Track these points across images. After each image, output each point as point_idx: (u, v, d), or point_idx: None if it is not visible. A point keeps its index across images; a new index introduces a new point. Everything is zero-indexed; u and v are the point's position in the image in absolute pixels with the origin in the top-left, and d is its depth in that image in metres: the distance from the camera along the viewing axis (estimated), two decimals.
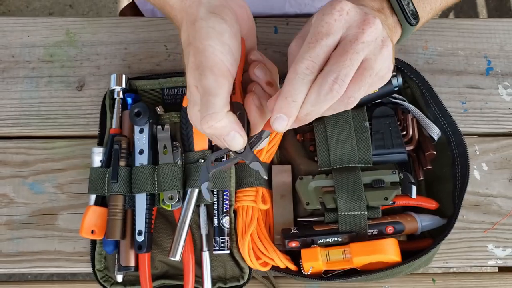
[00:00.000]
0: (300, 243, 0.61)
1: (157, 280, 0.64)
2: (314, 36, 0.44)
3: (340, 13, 0.44)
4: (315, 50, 0.44)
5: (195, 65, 0.46)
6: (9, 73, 0.73)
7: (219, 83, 0.45)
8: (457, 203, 0.61)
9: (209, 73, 0.45)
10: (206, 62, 0.46)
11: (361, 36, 0.44)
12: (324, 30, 0.44)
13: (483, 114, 0.72)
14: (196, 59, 0.46)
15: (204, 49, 0.46)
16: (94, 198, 0.64)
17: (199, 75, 0.46)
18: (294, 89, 0.44)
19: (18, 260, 0.67)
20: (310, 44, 0.44)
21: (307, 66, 0.43)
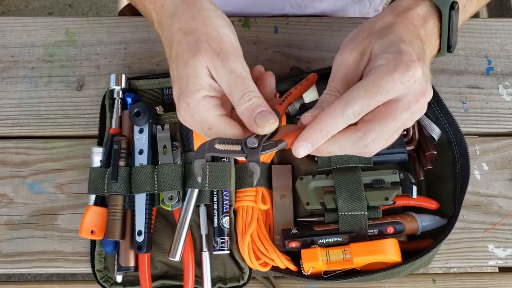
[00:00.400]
0: (300, 243, 0.61)
1: (157, 280, 0.64)
2: (376, 87, 0.43)
3: (409, 79, 0.44)
4: (370, 101, 0.43)
5: (213, 51, 0.45)
6: (8, 73, 0.73)
7: (245, 68, 0.46)
8: (457, 203, 0.61)
9: (235, 59, 0.46)
10: (227, 49, 0.46)
11: (413, 106, 0.45)
12: (387, 87, 0.43)
13: (483, 114, 0.72)
14: (213, 45, 0.46)
15: (221, 37, 0.46)
16: (94, 198, 0.63)
17: (224, 60, 0.45)
18: (333, 125, 0.44)
19: (17, 260, 0.67)
20: (368, 92, 0.43)
21: (355, 111, 0.44)
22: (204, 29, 0.46)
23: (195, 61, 0.46)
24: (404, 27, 0.48)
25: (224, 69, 0.45)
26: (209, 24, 0.47)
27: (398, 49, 0.45)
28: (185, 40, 0.47)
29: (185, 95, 0.46)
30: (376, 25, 0.49)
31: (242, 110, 0.45)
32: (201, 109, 0.46)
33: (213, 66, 0.46)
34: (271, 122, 0.45)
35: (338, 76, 0.48)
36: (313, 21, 0.76)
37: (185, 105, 0.46)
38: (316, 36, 0.75)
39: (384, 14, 0.50)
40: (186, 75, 0.46)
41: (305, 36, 0.75)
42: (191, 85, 0.46)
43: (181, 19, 0.48)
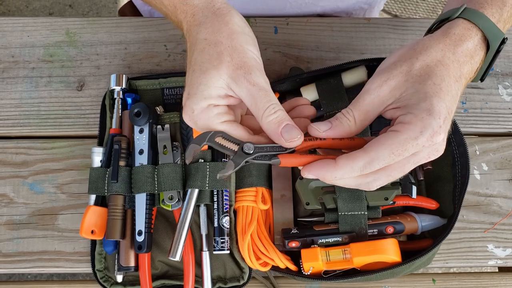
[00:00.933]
0: (300, 243, 0.61)
1: (157, 280, 0.64)
2: (401, 149, 0.44)
3: (431, 144, 0.45)
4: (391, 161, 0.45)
5: (235, 64, 0.46)
6: (9, 73, 0.73)
7: (267, 81, 0.47)
8: (457, 203, 0.61)
9: (258, 73, 0.46)
10: (250, 64, 0.46)
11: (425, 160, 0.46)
12: (412, 149, 0.44)
13: (483, 114, 0.72)
14: (235, 59, 0.46)
15: (244, 51, 0.47)
16: (94, 198, 0.64)
17: (246, 73, 0.46)
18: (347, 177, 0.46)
19: (18, 260, 0.67)
20: (392, 155, 0.44)
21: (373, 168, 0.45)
22: (229, 42, 0.47)
23: (214, 73, 0.46)
24: (447, 69, 0.46)
25: (246, 82, 0.46)
26: (234, 38, 0.47)
27: (430, 107, 0.44)
28: (208, 51, 0.47)
29: (191, 101, 0.47)
30: (420, 58, 0.47)
31: (268, 122, 0.46)
32: (204, 117, 0.48)
33: (233, 79, 0.46)
34: (298, 138, 0.46)
35: (360, 102, 0.47)
36: (313, 21, 0.76)
37: (190, 112, 0.48)
38: (316, 36, 0.75)
39: (433, 43, 0.48)
40: (199, 82, 0.47)
41: (305, 36, 0.75)
42: (199, 92, 0.47)
43: (208, 29, 0.49)
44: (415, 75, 0.46)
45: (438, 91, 0.45)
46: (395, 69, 0.47)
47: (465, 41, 0.48)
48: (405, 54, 0.48)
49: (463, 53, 0.48)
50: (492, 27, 0.49)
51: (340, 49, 0.74)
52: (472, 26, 0.49)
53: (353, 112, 0.47)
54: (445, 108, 0.45)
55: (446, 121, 0.45)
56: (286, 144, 0.47)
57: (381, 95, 0.47)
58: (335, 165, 0.46)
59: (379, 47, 0.74)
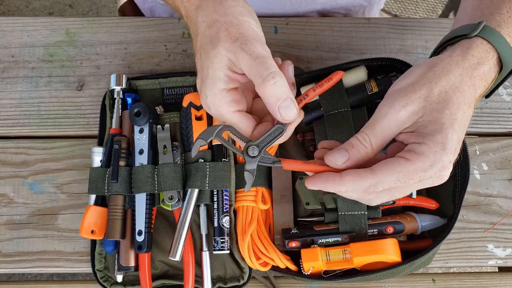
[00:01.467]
0: (300, 243, 0.61)
1: (157, 280, 0.64)
2: (409, 178, 0.45)
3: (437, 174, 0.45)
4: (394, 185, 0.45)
5: (232, 38, 0.46)
6: (9, 73, 0.73)
7: (266, 49, 0.46)
8: (457, 203, 0.61)
9: (255, 42, 0.46)
10: (247, 33, 0.46)
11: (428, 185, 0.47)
12: (418, 178, 0.45)
13: (483, 114, 0.72)
14: (232, 33, 0.46)
15: (240, 23, 0.46)
16: (94, 198, 0.64)
17: (243, 44, 0.45)
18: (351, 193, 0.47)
19: (18, 260, 0.67)
20: (398, 182, 0.45)
21: (378, 191, 0.46)
22: (225, 18, 0.47)
23: (215, 52, 0.46)
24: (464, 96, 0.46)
25: (243, 52, 0.45)
26: (229, 13, 0.47)
27: (445, 141, 0.44)
28: (208, 32, 0.47)
29: (204, 87, 0.48)
30: (439, 84, 0.46)
31: (266, 94, 0.45)
32: (218, 103, 0.47)
33: (232, 52, 0.46)
34: (293, 114, 0.46)
35: (377, 128, 0.46)
36: (313, 21, 0.76)
37: (204, 97, 0.48)
38: (316, 36, 0.75)
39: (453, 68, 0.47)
40: (206, 66, 0.47)
41: (305, 36, 0.75)
42: (209, 77, 0.47)
43: (205, 11, 0.49)
44: (433, 101, 0.45)
45: (453, 122, 0.45)
46: (414, 93, 0.46)
47: (482, 64, 0.47)
48: (423, 76, 0.47)
49: (479, 76, 0.47)
50: (508, 48, 0.48)
51: (340, 49, 0.74)
52: (490, 47, 0.47)
53: (370, 138, 0.46)
54: (457, 140, 0.45)
55: (455, 152, 0.45)
56: (281, 120, 0.47)
57: (399, 120, 0.46)
58: (340, 180, 0.45)
59: (379, 47, 0.74)
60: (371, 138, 0.46)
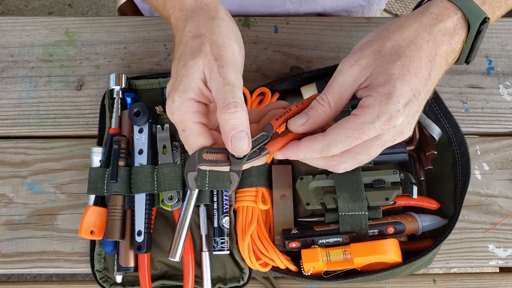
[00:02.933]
0: (300, 243, 0.61)
1: (157, 280, 0.63)
2: (358, 133, 0.45)
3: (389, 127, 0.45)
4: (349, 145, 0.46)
5: (213, 56, 0.46)
6: (8, 72, 0.73)
7: (239, 79, 0.46)
8: (458, 203, 0.61)
9: (231, 68, 0.46)
10: (227, 58, 0.46)
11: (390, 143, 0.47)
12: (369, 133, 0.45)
13: (484, 114, 0.72)
14: (214, 51, 0.46)
15: (224, 46, 0.47)
16: (94, 198, 0.63)
17: (220, 66, 0.46)
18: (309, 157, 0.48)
19: (17, 261, 0.66)
20: (349, 138, 0.45)
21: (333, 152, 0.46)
22: (211, 35, 0.47)
23: (193, 63, 0.47)
24: (419, 50, 0.46)
25: (217, 73, 0.46)
26: (216, 32, 0.48)
27: (392, 90, 0.44)
28: (191, 43, 0.48)
29: (173, 92, 0.47)
30: (392, 38, 0.47)
31: (224, 120, 0.45)
32: (183, 110, 0.47)
33: (208, 69, 0.46)
34: (244, 147, 0.46)
35: (333, 85, 0.48)
36: (313, 20, 0.76)
37: (171, 102, 0.47)
38: (316, 36, 0.75)
39: (409, 23, 0.48)
40: (181, 74, 0.47)
41: (305, 36, 0.75)
42: (182, 84, 0.47)
43: (194, 23, 0.49)
44: (385, 54, 0.46)
45: (404, 73, 0.45)
46: (367, 48, 0.47)
47: (442, 20, 0.47)
48: (378, 33, 0.48)
49: (440, 32, 0.47)
50: (472, 7, 0.48)
51: (340, 49, 0.74)
52: (451, 5, 0.48)
53: (327, 96, 0.48)
54: (409, 91, 0.45)
55: (410, 103, 0.45)
56: (230, 150, 0.46)
57: (353, 74, 0.47)
58: (297, 146, 0.47)
59: None
60: (328, 97, 0.48)
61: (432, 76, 0.47)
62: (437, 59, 0.47)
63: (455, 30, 0.48)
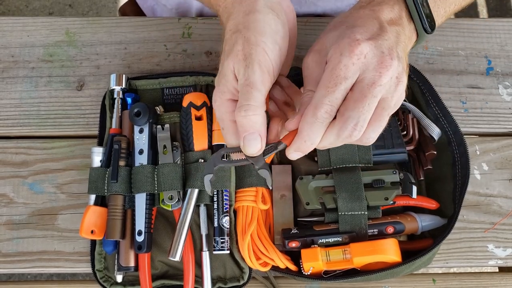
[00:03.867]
0: (300, 243, 0.61)
1: (157, 280, 0.64)
2: (333, 79, 0.44)
3: (358, 57, 0.44)
4: (334, 95, 0.44)
5: (243, 55, 0.46)
6: (8, 73, 0.73)
7: (264, 79, 0.46)
8: (457, 203, 0.61)
9: (257, 68, 0.46)
10: (255, 56, 0.46)
11: (378, 80, 0.44)
12: (342, 74, 0.44)
13: (483, 114, 0.72)
14: (245, 49, 0.46)
15: (256, 43, 0.46)
16: (94, 198, 0.63)
17: (246, 66, 0.46)
18: (313, 133, 0.45)
19: (17, 260, 0.66)
20: (328, 88, 0.44)
21: (326, 110, 0.44)
22: (246, 32, 0.47)
23: (227, 64, 0.47)
24: (360, 14, 0.48)
25: (242, 74, 0.46)
26: (251, 28, 0.47)
27: (343, 35, 0.45)
28: (229, 41, 0.48)
29: (216, 91, 0.49)
30: (335, 19, 0.49)
31: (237, 121, 0.46)
32: (222, 110, 0.49)
33: (237, 69, 0.47)
34: (254, 150, 0.47)
35: (307, 78, 0.49)
36: (313, 21, 0.76)
37: (213, 101, 0.49)
38: (316, 36, 0.74)
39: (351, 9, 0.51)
40: (222, 74, 0.48)
41: (305, 36, 0.75)
42: (221, 85, 0.48)
43: (234, 20, 0.49)
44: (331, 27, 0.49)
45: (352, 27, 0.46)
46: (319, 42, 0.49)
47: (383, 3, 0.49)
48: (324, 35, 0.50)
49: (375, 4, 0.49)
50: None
51: None
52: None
53: (310, 89, 0.48)
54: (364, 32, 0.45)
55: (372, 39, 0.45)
56: (243, 150, 0.48)
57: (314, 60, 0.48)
58: (298, 134, 0.46)
59: None
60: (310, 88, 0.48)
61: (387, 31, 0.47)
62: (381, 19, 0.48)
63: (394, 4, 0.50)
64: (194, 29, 0.75)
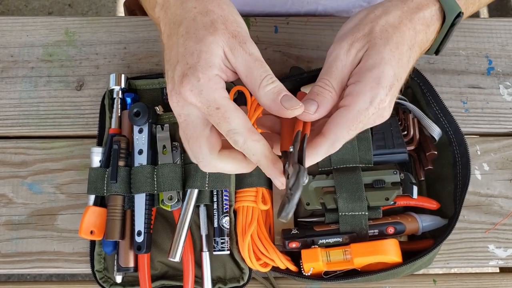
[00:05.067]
0: (300, 243, 0.61)
1: (157, 281, 0.63)
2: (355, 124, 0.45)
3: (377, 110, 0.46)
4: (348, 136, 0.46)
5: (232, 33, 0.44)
6: (8, 72, 0.73)
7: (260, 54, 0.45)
8: (458, 203, 0.61)
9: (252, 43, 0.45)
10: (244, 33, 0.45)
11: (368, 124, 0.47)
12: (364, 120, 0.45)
13: (484, 114, 0.72)
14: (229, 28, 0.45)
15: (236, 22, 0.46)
16: (93, 198, 0.63)
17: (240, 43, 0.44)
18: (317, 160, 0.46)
19: (17, 261, 0.66)
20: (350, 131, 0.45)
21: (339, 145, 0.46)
22: (221, 12, 0.45)
23: (212, 39, 0.43)
24: (403, 37, 0.47)
25: (243, 51, 0.44)
26: (225, 8, 0.46)
27: (381, 75, 0.45)
28: (200, 19, 0.44)
29: (195, 69, 0.42)
30: (380, 23, 0.48)
31: (266, 92, 0.43)
32: (211, 87, 0.42)
33: (230, 48, 0.44)
34: (299, 106, 0.43)
35: (333, 71, 0.47)
36: (314, 20, 0.76)
37: (195, 80, 0.42)
38: (317, 36, 0.75)
39: (392, 10, 0.49)
40: (198, 50, 0.43)
41: (305, 36, 0.75)
42: (203, 60, 0.42)
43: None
44: (376, 37, 0.47)
45: (391, 59, 0.46)
46: (358, 32, 0.48)
47: (422, 9, 0.49)
48: (365, 18, 0.49)
49: (419, 21, 0.49)
50: (450, 0, 0.50)
51: None
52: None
53: (331, 82, 0.47)
54: (394, 76, 0.46)
55: (393, 88, 0.46)
56: (287, 113, 0.43)
57: (350, 59, 0.47)
58: (308, 156, 0.46)
59: None
60: (332, 82, 0.47)
61: (410, 63, 0.48)
62: (415, 47, 0.49)
63: (431, 21, 0.49)
64: None
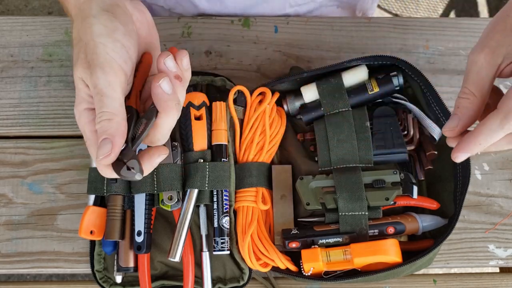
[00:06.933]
0: (300, 243, 0.60)
1: (157, 281, 0.63)
2: None
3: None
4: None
5: (86, 62, 0.46)
6: (8, 72, 0.73)
7: (111, 82, 0.45)
8: (458, 203, 0.61)
9: (101, 73, 0.45)
10: (97, 60, 0.45)
11: None
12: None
13: None
14: (87, 56, 0.46)
15: (95, 46, 0.46)
16: (93, 198, 0.63)
17: (90, 74, 0.45)
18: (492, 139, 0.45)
19: (17, 261, 0.66)
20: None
21: None
22: (85, 38, 0.47)
23: (75, 74, 0.47)
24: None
25: (90, 82, 0.46)
26: (88, 33, 0.47)
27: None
28: (75, 49, 0.48)
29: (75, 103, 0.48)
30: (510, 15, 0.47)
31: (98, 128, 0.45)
32: (82, 121, 0.48)
33: (84, 79, 0.46)
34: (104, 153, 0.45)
35: (471, 77, 0.47)
36: (313, 20, 0.76)
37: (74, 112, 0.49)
38: (317, 36, 0.75)
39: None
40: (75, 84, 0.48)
41: (305, 36, 0.75)
42: (76, 96, 0.48)
43: (75, 28, 0.49)
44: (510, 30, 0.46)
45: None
46: (491, 32, 0.47)
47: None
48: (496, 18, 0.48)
49: None
50: None
51: (340, 49, 0.74)
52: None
53: (468, 88, 0.47)
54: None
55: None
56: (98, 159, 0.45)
57: (487, 59, 0.46)
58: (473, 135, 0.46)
59: (379, 46, 0.74)
60: (469, 87, 0.47)
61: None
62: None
63: None
64: (193, 28, 0.75)
